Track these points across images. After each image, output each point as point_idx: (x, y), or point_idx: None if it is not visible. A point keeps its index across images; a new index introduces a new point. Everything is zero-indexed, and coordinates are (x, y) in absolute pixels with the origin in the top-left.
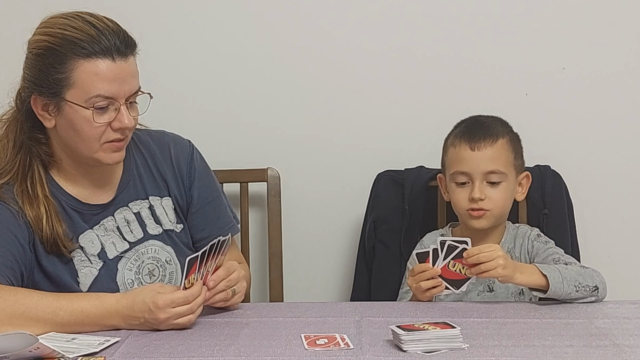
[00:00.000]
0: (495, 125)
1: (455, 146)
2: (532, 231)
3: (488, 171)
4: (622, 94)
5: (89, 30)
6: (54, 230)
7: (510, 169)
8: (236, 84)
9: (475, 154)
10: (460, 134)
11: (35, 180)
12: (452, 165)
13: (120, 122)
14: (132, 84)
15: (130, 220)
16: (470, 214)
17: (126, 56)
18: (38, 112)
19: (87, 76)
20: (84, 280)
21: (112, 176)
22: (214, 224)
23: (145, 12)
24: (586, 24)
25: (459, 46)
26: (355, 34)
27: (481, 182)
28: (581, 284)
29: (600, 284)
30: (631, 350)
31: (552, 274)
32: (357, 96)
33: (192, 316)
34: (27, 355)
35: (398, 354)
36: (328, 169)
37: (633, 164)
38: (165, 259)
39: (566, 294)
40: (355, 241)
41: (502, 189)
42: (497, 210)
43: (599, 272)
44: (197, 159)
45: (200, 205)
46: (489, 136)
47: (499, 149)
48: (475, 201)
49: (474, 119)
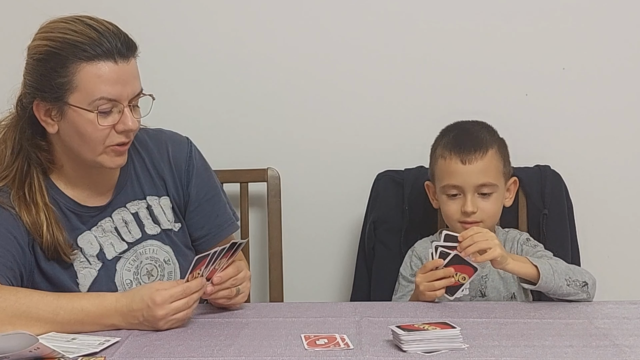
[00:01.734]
0: (484, 135)
1: (446, 158)
2: (522, 235)
3: (480, 184)
4: (622, 94)
5: (90, 33)
6: (55, 238)
7: (501, 178)
8: (236, 84)
9: (466, 168)
10: (449, 145)
11: (34, 188)
12: (443, 178)
13: (124, 125)
14: (135, 86)
15: (128, 220)
16: (463, 226)
17: (128, 58)
18: (41, 118)
19: (89, 79)
20: (83, 281)
21: (111, 179)
22: (213, 222)
23: (146, 13)
24: (586, 24)
25: (459, 46)
26: (355, 34)
27: (473, 194)
28: (571, 278)
29: (590, 280)
30: (631, 351)
31: (543, 266)
32: (357, 96)
33: (189, 310)
34: (27, 355)
35: (398, 354)
36: (328, 169)
37: (633, 164)
38: (164, 258)
39: (557, 287)
40: (355, 241)
41: (494, 199)
42: (489, 221)
43: (588, 271)
44: (195, 156)
45: (198, 202)
46: (479, 148)
47: (489, 160)
48: (468, 214)
49: (462, 129)
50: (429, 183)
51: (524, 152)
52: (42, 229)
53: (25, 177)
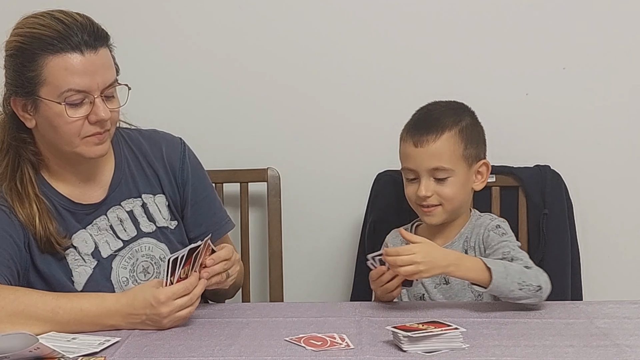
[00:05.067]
0: (444, 117)
1: (404, 140)
2: (493, 221)
3: (432, 168)
4: (622, 94)
5: (57, 26)
6: (47, 228)
7: (459, 162)
8: (236, 84)
9: (418, 151)
10: (408, 127)
11: (25, 180)
12: (402, 161)
13: (96, 115)
14: (106, 76)
15: (123, 218)
16: (422, 210)
17: (96, 48)
18: (19, 113)
19: (57, 71)
20: (78, 279)
21: (103, 173)
22: (210, 220)
23: (147, 13)
24: (586, 24)
25: (459, 46)
26: (355, 34)
27: (427, 178)
28: (525, 282)
29: (544, 284)
30: (631, 350)
31: (496, 268)
32: (357, 96)
33: (192, 307)
34: (27, 355)
35: (398, 354)
36: (328, 169)
37: (633, 164)
38: (160, 256)
39: (508, 291)
40: (355, 241)
41: (450, 183)
42: (449, 205)
43: (543, 272)
44: (189, 155)
45: (195, 201)
46: (433, 131)
47: (442, 144)
48: (422, 199)
49: (425, 110)
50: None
51: (524, 152)
52: (35, 220)
53: (16, 171)
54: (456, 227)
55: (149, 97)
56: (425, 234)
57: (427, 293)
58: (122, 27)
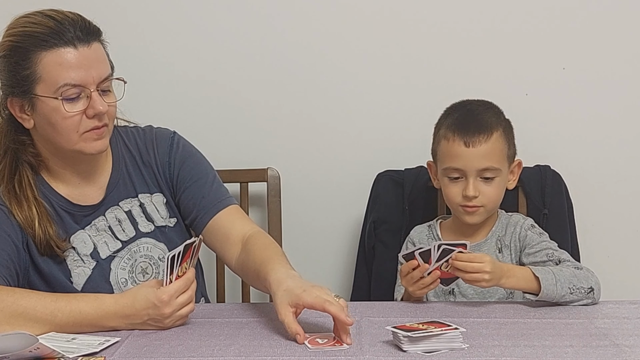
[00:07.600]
0: (489, 117)
1: (449, 140)
2: (526, 220)
3: (483, 168)
4: (622, 94)
5: (48, 23)
6: (47, 232)
7: (504, 162)
8: (236, 84)
9: (469, 151)
10: (453, 127)
11: (24, 183)
12: (445, 160)
13: (93, 109)
14: (101, 70)
15: (121, 219)
16: (464, 210)
17: (89, 43)
18: (17, 115)
19: (51, 67)
20: (77, 280)
21: (101, 173)
22: (199, 204)
23: (148, 13)
24: (586, 24)
25: (459, 46)
26: (355, 34)
27: (475, 178)
28: (575, 286)
29: (596, 285)
30: (631, 350)
31: (545, 276)
32: (357, 96)
33: (192, 305)
34: (27, 355)
35: (398, 354)
36: (328, 169)
37: (633, 164)
38: (158, 256)
39: (560, 297)
40: (355, 241)
41: (496, 184)
42: (491, 205)
43: (593, 272)
44: (176, 145)
45: (183, 189)
46: (484, 131)
47: (493, 143)
48: (469, 199)
49: (466, 109)
50: (430, 162)
51: (524, 152)
52: (34, 223)
53: (14, 174)
54: (486, 226)
55: (148, 97)
56: (451, 231)
57: (458, 287)
58: (122, 27)
